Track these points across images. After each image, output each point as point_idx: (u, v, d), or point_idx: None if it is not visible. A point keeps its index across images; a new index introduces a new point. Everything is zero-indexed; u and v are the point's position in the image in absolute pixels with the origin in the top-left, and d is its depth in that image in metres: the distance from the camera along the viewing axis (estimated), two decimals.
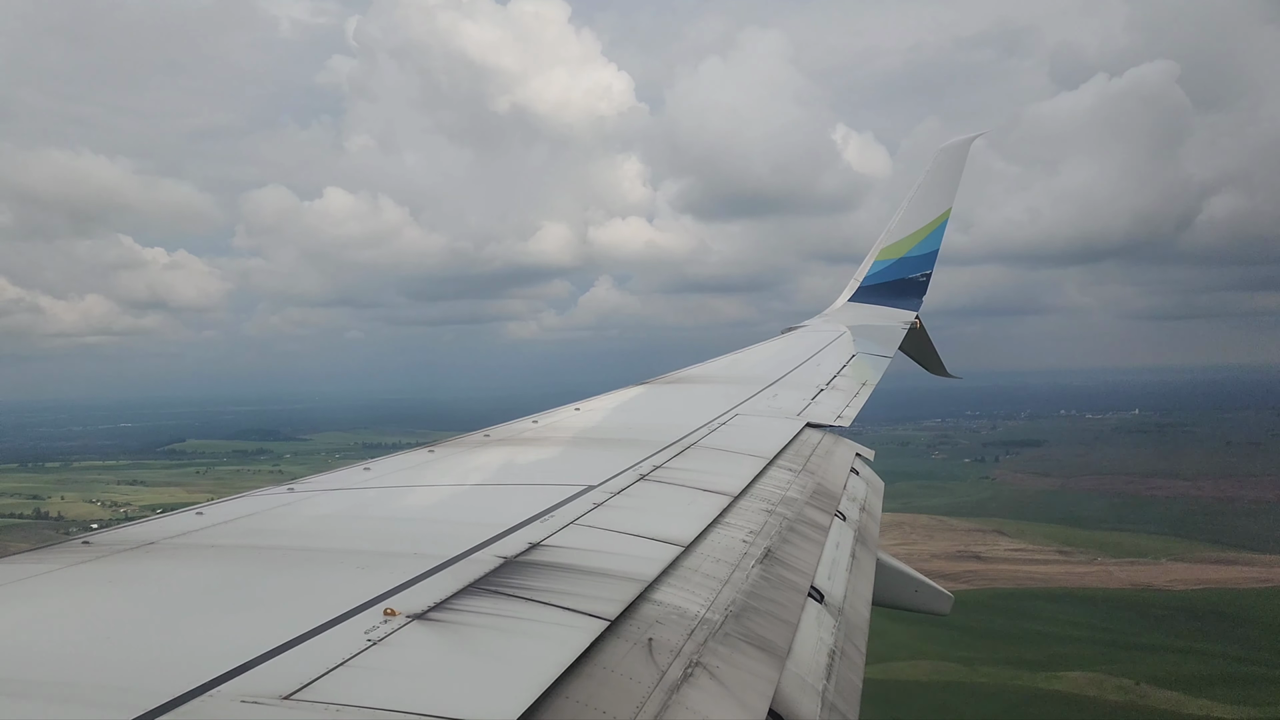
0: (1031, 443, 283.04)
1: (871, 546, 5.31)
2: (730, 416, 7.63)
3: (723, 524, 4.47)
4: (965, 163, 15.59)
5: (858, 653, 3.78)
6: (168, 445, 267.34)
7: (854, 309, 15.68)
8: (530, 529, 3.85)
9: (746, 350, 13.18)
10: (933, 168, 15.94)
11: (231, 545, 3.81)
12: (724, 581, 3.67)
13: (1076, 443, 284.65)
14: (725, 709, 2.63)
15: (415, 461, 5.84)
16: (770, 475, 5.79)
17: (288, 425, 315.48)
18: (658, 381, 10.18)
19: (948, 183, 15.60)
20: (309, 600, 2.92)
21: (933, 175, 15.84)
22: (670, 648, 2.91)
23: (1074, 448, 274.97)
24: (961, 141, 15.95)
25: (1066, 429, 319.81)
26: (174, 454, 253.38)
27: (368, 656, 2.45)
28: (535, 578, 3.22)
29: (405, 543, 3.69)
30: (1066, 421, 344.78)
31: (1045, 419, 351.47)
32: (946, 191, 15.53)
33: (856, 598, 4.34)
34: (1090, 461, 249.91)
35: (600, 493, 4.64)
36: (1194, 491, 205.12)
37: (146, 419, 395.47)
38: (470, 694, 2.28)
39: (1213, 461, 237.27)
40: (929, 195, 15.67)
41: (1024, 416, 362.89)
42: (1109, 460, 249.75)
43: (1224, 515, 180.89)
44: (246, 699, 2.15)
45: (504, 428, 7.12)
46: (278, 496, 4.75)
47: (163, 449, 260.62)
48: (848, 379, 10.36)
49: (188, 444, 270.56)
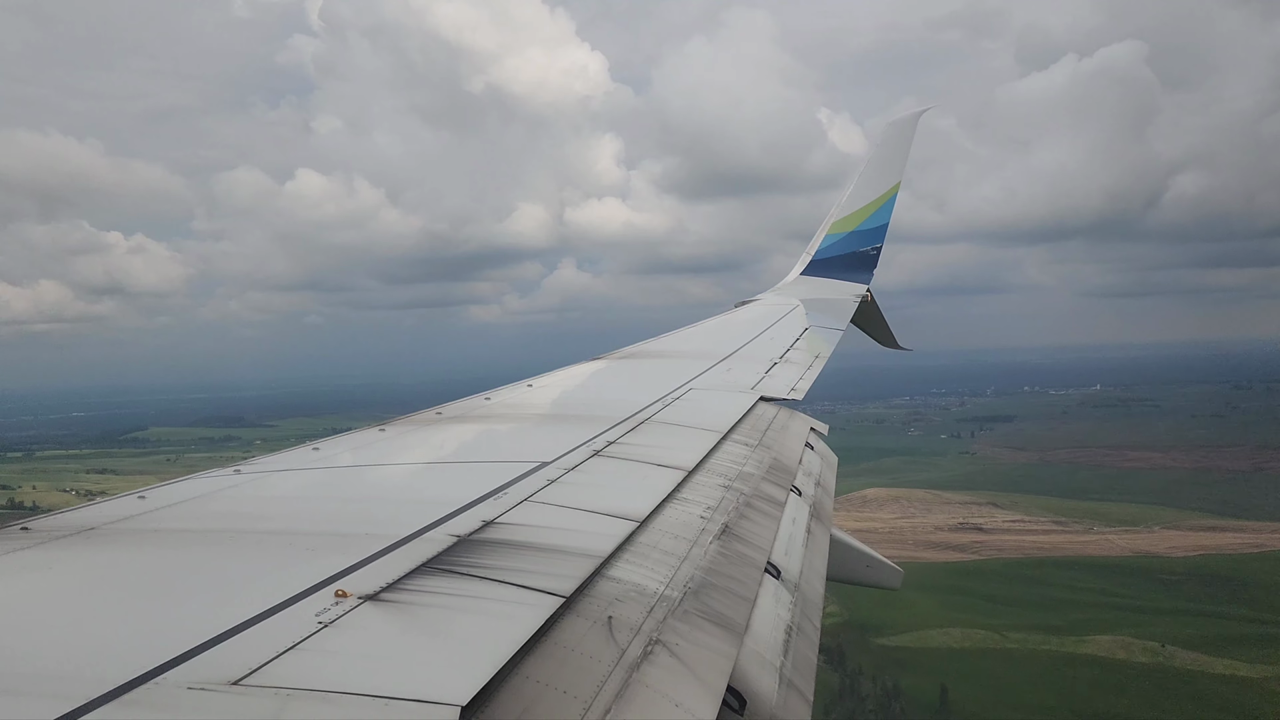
0: (1003, 418, 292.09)
1: (826, 522, 5.35)
2: (684, 391, 7.64)
3: (680, 499, 4.47)
4: (914, 137, 15.71)
5: (813, 628, 3.82)
6: (129, 434, 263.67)
7: (806, 283, 15.77)
8: (484, 507, 3.81)
9: (700, 324, 13.21)
10: (882, 142, 16.05)
11: (176, 529, 3.72)
12: (682, 558, 3.68)
13: (1046, 417, 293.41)
14: (685, 686, 2.64)
15: (366, 440, 5.75)
16: (725, 449, 5.80)
17: (251, 412, 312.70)
18: (611, 357, 10.16)
19: (897, 157, 15.71)
20: (257, 584, 2.86)
21: (882, 150, 15.95)
22: (630, 625, 2.91)
23: (1045, 422, 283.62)
24: (910, 116, 16.06)
25: (1033, 404, 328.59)
26: (137, 442, 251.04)
27: (319, 639, 2.41)
28: (489, 556, 3.20)
29: (356, 523, 3.64)
30: (1031, 397, 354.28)
31: (1010, 395, 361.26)
32: (896, 165, 15.65)
33: (812, 573, 4.38)
34: (1063, 435, 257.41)
35: (554, 469, 4.61)
36: (1170, 462, 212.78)
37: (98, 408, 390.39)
38: (424, 674, 2.26)
39: (1181, 433, 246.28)
40: (879, 170, 15.78)
41: (990, 393, 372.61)
42: (1081, 434, 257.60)
43: (1203, 484, 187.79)
44: (193, 686, 2.11)
45: (456, 405, 7.05)
46: (224, 478, 4.65)
47: (124, 437, 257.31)
48: (801, 352, 10.42)
49: (150, 432, 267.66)
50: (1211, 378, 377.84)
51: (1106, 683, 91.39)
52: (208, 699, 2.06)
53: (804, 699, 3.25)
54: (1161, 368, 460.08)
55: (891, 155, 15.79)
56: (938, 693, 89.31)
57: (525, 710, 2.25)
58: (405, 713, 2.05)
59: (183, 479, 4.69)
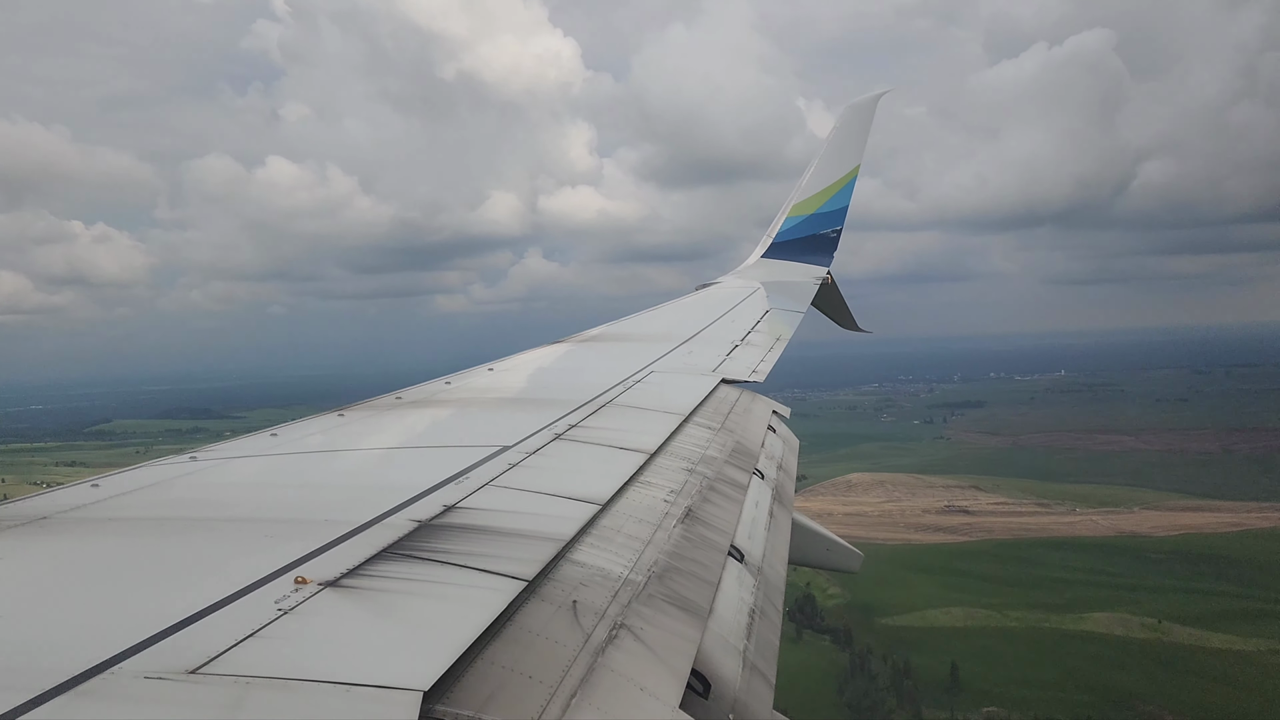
0: (973, 404, 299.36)
1: (788, 505, 5.39)
2: (645, 374, 7.64)
3: (643, 483, 4.48)
4: (873, 120, 15.76)
5: (776, 612, 3.85)
6: (93, 426, 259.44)
7: (767, 265, 15.81)
8: (445, 491, 3.80)
9: (661, 307, 13.20)
10: (841, 125, 16.08)
11: (131, 517, 3.66)
12: (646, 542, 3.69)
13: (1014, 403, 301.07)
14: (650, 670, 2.66)
15: (325, 426, 5.70)
16: (687, 432, 5.82)
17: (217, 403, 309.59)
18: (572, 340, 10.13)
19: (856, 139, 15.76)
20: (215, 571, 2.82)
21: (841, 133, 15.99)
22: (595, 610, 2.92)
23: (1014, 408, 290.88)
24: (869, 99, 16.11)
25: (1001, 390, 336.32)
26: (103, 435, 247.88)
27: (278, 626, 2.39)
28: (451, 540, 3.19)
29: (316, 509, 3.61)
30: (998, 383, 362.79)
31: (977, 381, 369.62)
32: (855, 148, 15.70)
33: (774, 557, 4.41)
34: (1033, 420, 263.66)
35: (516, 453, 4.60)
36: (1141, 445, 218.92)
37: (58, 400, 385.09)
38: (385, 660, 2.25)
39: (1149, 417, 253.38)
40: (838, 153, 15.82)
41: (957, 380, 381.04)
42: (1050, 419, 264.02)
43: (1175, 466, 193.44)
44: (150, 675, 2.08)
45: (416, 389, 7.00)
46: (179, 466, 4.58)
47: (89, 430, 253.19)
48: (762, 334, 10.46)
49: (115, 424, 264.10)
50: (1172, 363, 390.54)
51: (1108, 658, 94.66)
52: (165, 688, 2.04)
53: (767, 682, 3.27)
54: (1124, 354, 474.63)
55: (851, 138, 15.84)
56: (947, 670, 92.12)
57: (491, 696, 2.26)
58: (367, 699, 2.03)
59: (137, 467, 4.61)
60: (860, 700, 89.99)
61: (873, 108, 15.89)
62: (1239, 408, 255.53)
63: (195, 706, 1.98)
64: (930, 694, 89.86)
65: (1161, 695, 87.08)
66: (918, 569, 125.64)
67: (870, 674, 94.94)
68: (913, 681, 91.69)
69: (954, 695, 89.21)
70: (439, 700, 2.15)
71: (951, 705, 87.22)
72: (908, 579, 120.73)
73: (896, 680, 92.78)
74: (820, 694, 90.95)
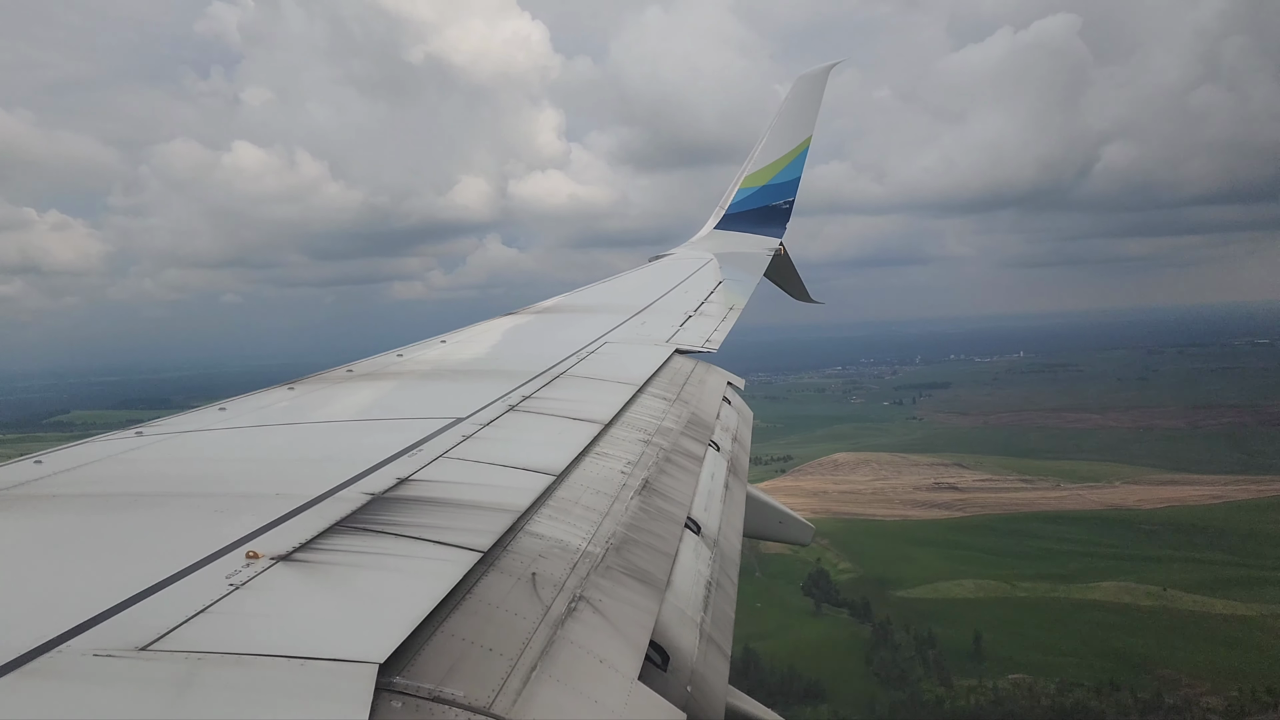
0: (939, 385, 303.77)
1: (742, 477, 5.43)
2: (599, 345, 7.64)
3: (600, 454, 4.49)
4: (824, 91, 15.78)
5: (731, 584, 3.88)
6: (52, 418, 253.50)
7: (720, 237, 15.84)
8: (398, 464, 3.77)
9: (615, 278, 13.18)
10: (792, 96, 16.08)
11: (75, 494, 3.59)
12: (604, 514, 3.71)
13: (978, 384, 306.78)
14: (609, 642, 2.67)
15: (275, 400, 5.62)
16: (642, 402, 5.84)
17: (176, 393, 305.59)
18: (525, 312, 10.09)
19: (808, 111, 15.79)
20: (164, 547, 2.79)
21: (793, 104, 16.00)
22: (554, 582, 2.93)
23: (979, 388, 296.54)
24: (820, 70, 16.13)
25: (963, 372, 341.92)
26: (62, 425, 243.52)
27: (230, 601, 2.37)
28: (405, 513, 3.17)
29: (267, 484, 3.56)
30: (959, 365, 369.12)
31: (939, 364, 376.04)
32: (807, 120, 15.73)
33: (730, 529, 4.45)
34: (1000, 400, 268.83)
35: (469, 425, 4.59)
36: (1109, 423, 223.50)
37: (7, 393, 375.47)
38: (340, 633, 2.24)
39: (1112, 396, 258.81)
40: (790, 124, 15.84)
41: (919, 362, 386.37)
42: (1016, 398, 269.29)
43: (1145, 442, 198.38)
44: (99, 653, 2.05)
45: (368, 362, 6.93)
46: (125, 441, 4.49)
47: (47, 421, 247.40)
48: (715, 305, 10.50)
49: (73, 415, 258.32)
50: (1125, 343, 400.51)
51: (1119, 625, 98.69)
52: (114, 666, 2.01)
53: (723, 654, 3.30)
54: (1078, 335, 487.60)
55: (802, 109, 15.86)
56: (967, 640, 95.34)
57: (451, 668, 2.25)
58: (322, 673, 2.03)
59: (82, 442, 4.51)
60: (888, 670, 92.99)
61: (824, 79, 15.91)
62: (1197, 386, 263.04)
63: (145, 683, 1.96)
64: (955, 663, 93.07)
65: (1174, 659, 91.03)
66: (920, 543, 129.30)
67: (893, 644, 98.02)
68: (938, 651, 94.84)
69: (978, 663, 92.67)
70: (398, 673, 2.14)
71: (979, 673, 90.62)
72: (912, 553, 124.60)
73: (921, 650, 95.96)
74: (848, 665, 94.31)
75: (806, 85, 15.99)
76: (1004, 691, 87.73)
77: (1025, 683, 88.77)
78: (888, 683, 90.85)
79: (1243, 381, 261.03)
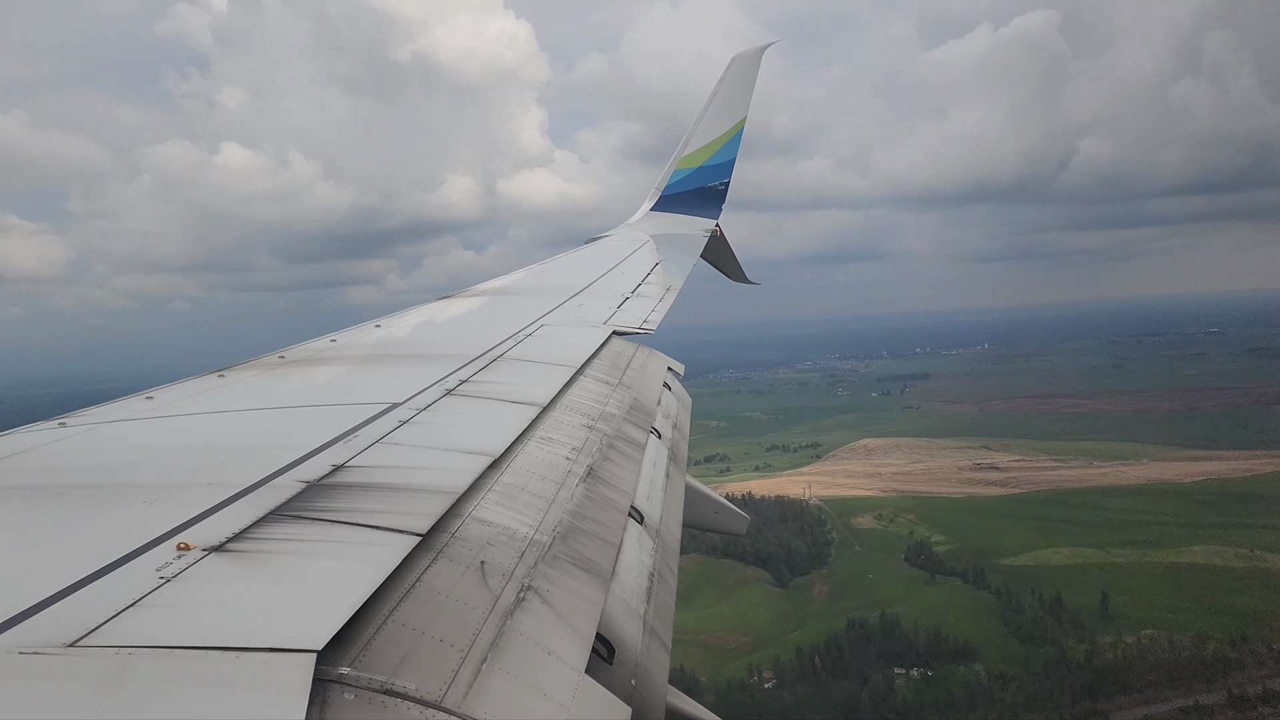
0: (918, 376, 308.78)
1: (682, 465, 5.45)
2: (536, 327, 7.61)
3: (545, 439, 4.48)
4: (758, 71, 15.84)
5: (672, 575, 3.90)
6: None
7: (656, 218, 15.84)
8: (333, 451, 3.72)
9: (551, 261, 13.12)
10: (727, 77, 16.10)
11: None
12: (550, 501, 3.70)
13: (957, 374, 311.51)
14: (557, 633, 2.67)
15: (204, 388, 5.48)
16: (582, 385, 5.83)
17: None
18: (461, 295, 10.00)
19: (742, 92, 15.83)
20: (91, 540, 2.72)
21: (727, 85, 16.03)
22: (502, 571, 2.92)
23: (959, 378, 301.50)
24: (754, 51, 16.17)
25: (936, 364, 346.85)
26: None
27: (161, 594, 2.32)
28: (341, 499, 3.14)
29: (198, 473, 3.48)
30: (929, 358, 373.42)
31: (906, 357, 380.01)
32: (741, 101, 15.79)
33: (670, 519, 4.46)
34: (986, 388, 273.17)
35: (406, 409, 4.54)
36: (1104, 407, 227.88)
37: None
38: (276, 623, 2.21)
39: (1096, 382, 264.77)
40: (725, 105, 15.88)
41: (886, 356, 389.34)
42: (1001, 387, 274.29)
43: (1149, 424, 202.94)
44: (25, 650, 2.00)
45: (301, 348, 6.80)
46: (48, 432, 4.35)
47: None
48: (653, 286, 10.52)
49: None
50: (1083, 335, 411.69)
51: (1221, 585, 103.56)
52: (42, 663, 1.97)
53: (664, 647, 3.30)
54: (1036, 328, 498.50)
55: (737, 90, 15.90)
56: (1086, 602, 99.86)
57: (403, 659, 2.24)
58: (258, 663, 2.00)
59: (2, 434, 4.36)
60: (1026, 630, 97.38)
61: (758, 60, 15.97)
62: (1172, 371, 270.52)
63: (75, 680, 1.92)
64: (1086, 622, 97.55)
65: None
66: (997, 516, 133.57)
67: (1017, 606, 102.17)
68: (1070, 613, 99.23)
69: (1106, 621, 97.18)
70: (349, 664, 2.13)
71: (1113, 630, 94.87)
72: (995, 525, 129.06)
73: (1054, 611, 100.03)
74: (983, 627, 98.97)
75: (741, 66, 16.03)
76: (1144, 646, 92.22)
77: (1160, 638, 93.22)
78: (1029, 640, 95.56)
79: (1213, 366, 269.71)
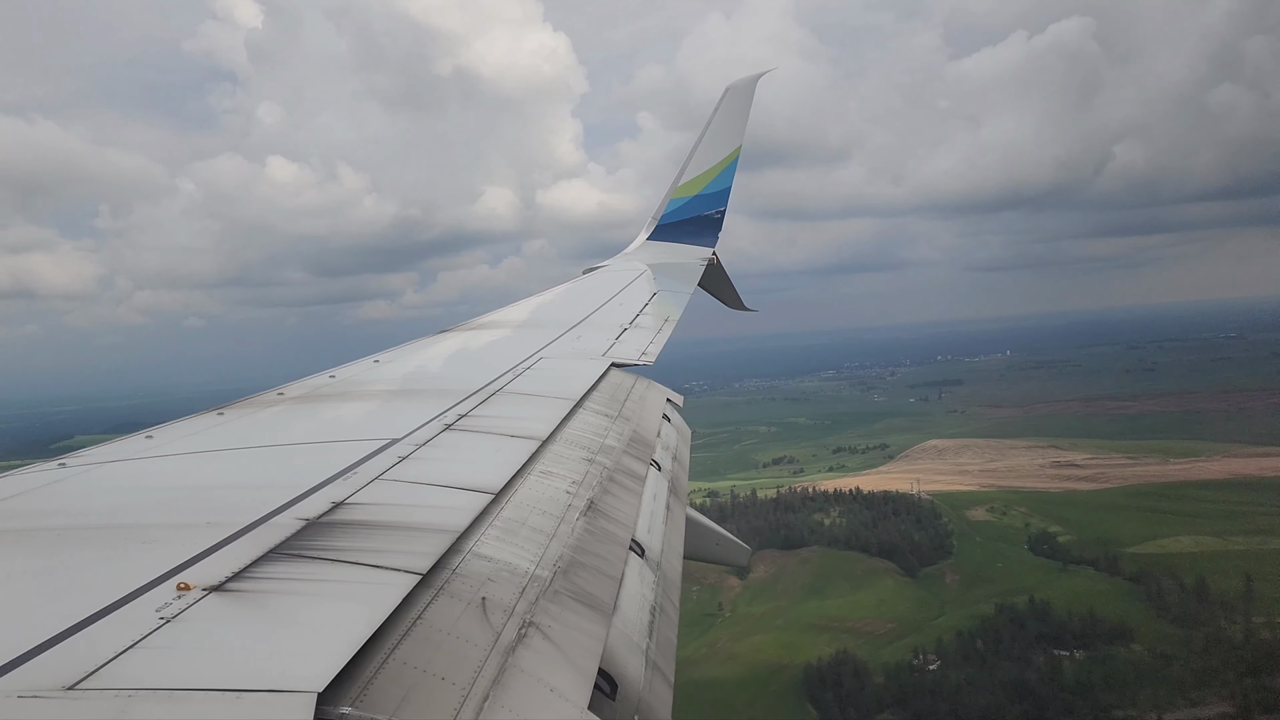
0: (951, 382, 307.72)
1: (682, 497, 5.42)
2: (535, 360, 7.62)
3: (544, 473, 4.46)
4: (753, 100, 15.96)
5: (674, 609, 3.87)
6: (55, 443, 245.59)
7: (653, 248, 15.91)
8: (333, 488, 3.72)
9: (548, 293, 13.16)
10: (721, 107, 16.23)
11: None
12: (551, 535, 3.68)
13: (988, 380, 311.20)
14: (559, 670, 2.65)
15: (203, 425, 5.49)
16: (581, 418, 5.82)
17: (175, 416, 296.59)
18: (460, 329, 10.02)
19: (737, 120, 15.95)
20: (91, 582, 2.71)
21: (722, 114, 16.14)
22: (504, 607, 2.90)
23: (992, 383, 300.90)
24: (748, 80, 16.31)
25: (963, 370, 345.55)
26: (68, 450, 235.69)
27: (161, 635, 2.32)
28: (341, 538, 3.13)
29: (197, 512, 3.47)
30: (953, 365, 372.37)
31: (930, 364, 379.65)
32: (736, 129, 15.90)
33: (671, 552, 4.43)
34: (1023, 392, 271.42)
35: (405, 445, 4.54)
36: (1154, 408, 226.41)
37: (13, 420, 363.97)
38: (276, 664, 2.21)
39: (1131, 385, 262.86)
40: (720, 134, 15.99)
41: (908, 364, 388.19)
42: (1037, 391, 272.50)
43: (1204, 423, 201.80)
44: (24, 694, 1.99)
45: (299, 384, 6.81)
46: (47, 473, 4.36)
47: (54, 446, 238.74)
48: (650, 316, 10.54)
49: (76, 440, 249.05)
50: (1103, 340, 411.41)
51: None
52: (41, 706, 1.96)
53: (667, 682, 3.28)
54: (1054, 334, 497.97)
55: (731, 119, 16.02)
56: (1225, 587, 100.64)
57: (404, 698, 2.23)
58: (258, 704, 2.00)
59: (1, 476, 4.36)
60: (1173, 613, 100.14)
61: (752, 89, 16.10)
62: (1209, 374, 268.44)
63: None
64: (1233, 606, 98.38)
65: None
66: (1102, 509, 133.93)
67: (1158, 593, 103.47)
68: (1217, 598, 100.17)
69: (1249, 604, 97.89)
70: (350, 703, 2.12)
71: (1267, 611, 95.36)
72: (1103, 518, 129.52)
73: (1200, 595, 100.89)
74: (1129, 611, 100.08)
75: (735, 95, 16.15)
76: None
77: None
78: (1180, 622, 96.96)
79: (1246, 369, 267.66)
